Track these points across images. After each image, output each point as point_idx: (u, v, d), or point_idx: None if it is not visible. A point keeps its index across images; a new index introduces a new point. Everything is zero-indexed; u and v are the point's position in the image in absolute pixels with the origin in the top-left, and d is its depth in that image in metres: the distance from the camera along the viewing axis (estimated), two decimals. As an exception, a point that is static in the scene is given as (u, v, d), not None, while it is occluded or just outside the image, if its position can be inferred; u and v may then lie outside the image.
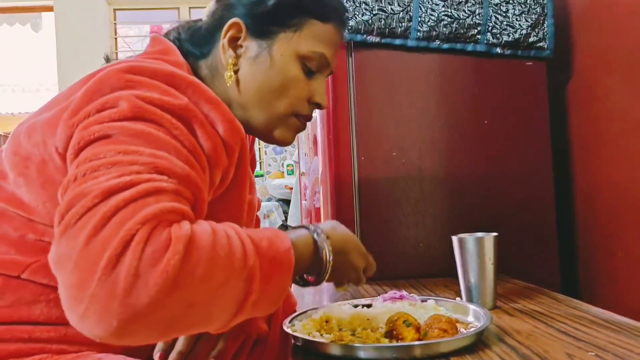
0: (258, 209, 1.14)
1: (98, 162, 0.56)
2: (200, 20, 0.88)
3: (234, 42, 0.81)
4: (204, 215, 0.64)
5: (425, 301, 0.94)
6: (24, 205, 0.71)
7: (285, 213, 4.02)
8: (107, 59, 0.90)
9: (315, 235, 0.73)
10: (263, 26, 0.80)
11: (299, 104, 0.83)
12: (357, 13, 1.34)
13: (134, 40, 5.00)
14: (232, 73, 0.80)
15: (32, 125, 0.72)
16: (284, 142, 0.85)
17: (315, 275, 0.75)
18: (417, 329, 0.77)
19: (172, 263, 0.49)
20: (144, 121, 0.61)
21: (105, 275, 0.48)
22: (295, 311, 0.93)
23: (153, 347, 0.80)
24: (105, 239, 0.49)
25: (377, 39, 1.36)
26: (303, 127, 0.86)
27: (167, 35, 0.87)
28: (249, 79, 0.80)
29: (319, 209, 1.49)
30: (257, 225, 1.11)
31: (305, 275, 0.78)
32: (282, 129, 0.84)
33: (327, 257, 0.72)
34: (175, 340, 0.77)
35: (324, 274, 0.73)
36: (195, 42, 0.84)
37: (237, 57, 0.81)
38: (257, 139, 0.94)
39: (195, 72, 0.82)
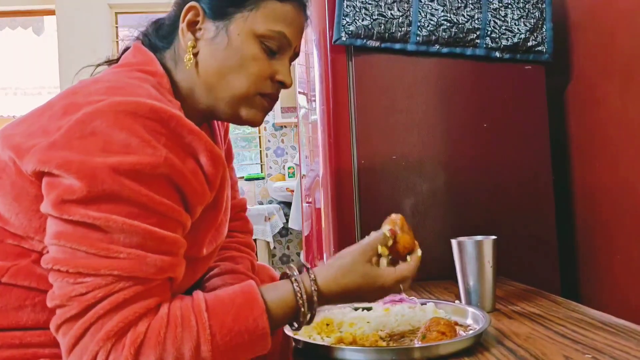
0: (244, 210, 1.13)
1: (79, 262, 0.63)
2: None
3: (193, 26, 0.82)
4: (183, 268, 0.71)
5: (425, 304, 0.95)
6: (0, 216, 0.72)
7: (287, 215, 4.04)
8: (109, 63, 0.91)
9: (297, 294, 0.72)
10: (220, 8, 0.81)
11: (261, 83, 0.82)
12: (357, 18, 1.35)
13: (135, 44, 4.98)
14: (192, 56, 0.81)
15: (8, 137, 0.72)
16: (253, 122, 0.85)
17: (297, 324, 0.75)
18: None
19: None
20: (123, 203, 0.64)
21: None
22: None
23: None
24: (82, 349, 0.62)
25: (377, 44, 1.37)
26: (270, 107, 0.86)
27: (138, 38, 0.89)
28: (208, 60, 0.81)
29: (319, 210, 1.50)
30: (245, 224, 1.10)
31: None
32: (247, 108, 0.84)
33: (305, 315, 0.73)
34: None
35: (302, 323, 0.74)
36: (161, 35, 0.87)
37: (196, 40, 0.82)
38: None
39: (166, 70, 0.83)
